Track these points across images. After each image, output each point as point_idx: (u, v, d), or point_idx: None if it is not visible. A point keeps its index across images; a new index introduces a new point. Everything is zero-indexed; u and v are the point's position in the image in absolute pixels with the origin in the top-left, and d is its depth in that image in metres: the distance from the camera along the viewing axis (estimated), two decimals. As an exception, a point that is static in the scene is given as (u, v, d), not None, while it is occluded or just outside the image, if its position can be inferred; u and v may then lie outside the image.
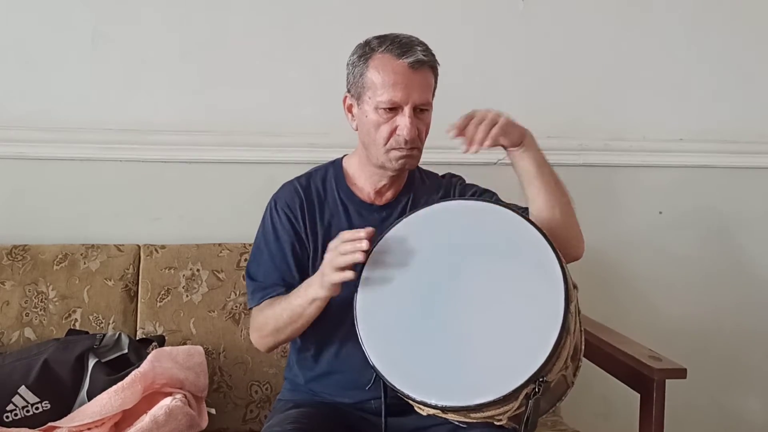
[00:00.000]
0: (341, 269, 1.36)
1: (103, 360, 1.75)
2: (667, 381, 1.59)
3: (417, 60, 1.46)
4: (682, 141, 2.31)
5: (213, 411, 1.79)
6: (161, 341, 1.87)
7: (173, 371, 1.72)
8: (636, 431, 1.65)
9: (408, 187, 1.62)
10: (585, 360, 1.43)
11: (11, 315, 1.89)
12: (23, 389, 1.69)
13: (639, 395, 1.65)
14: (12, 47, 2.04)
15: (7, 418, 1.68)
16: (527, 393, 1.25)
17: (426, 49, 1.50)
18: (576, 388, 1.39)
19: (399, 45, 1.48)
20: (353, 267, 1.36)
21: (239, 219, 2.05)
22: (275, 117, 2.13)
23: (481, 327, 1.32)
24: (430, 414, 1.34)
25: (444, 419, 1.37)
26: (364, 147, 1.56)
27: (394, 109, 1.48)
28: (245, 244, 1.99)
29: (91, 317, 1.92)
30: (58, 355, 1.74)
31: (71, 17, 2.05)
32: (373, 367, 1.33)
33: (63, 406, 1.71)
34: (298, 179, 1.62)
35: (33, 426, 1.67)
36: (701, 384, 2.24)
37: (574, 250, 1.52)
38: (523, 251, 1.34)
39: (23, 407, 1.69)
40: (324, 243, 1.49)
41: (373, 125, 1.50)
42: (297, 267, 1.56)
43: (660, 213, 2.33)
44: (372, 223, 1.56)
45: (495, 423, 1.31)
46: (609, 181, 2.30)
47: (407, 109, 1.47)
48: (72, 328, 1.88)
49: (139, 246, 1.99)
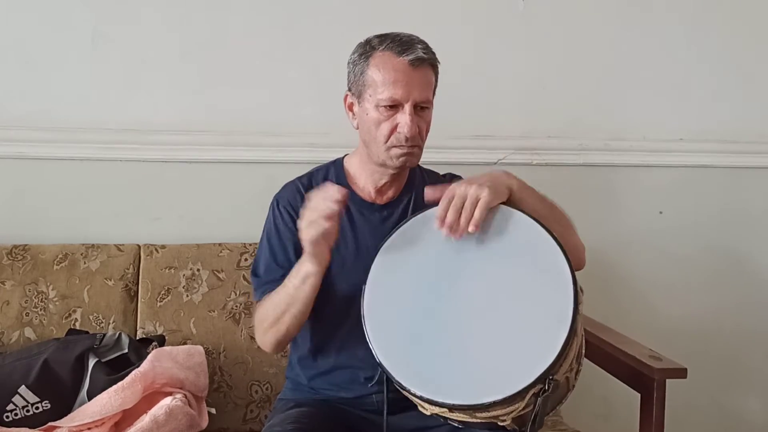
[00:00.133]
0: (316, 223, 1.34)
1: (103, 360, 1.75)
2: (668, 381, 1.59)
3: (417, 57, 1.46)
4: (682, 141, 2.31)
5: (213, 411, 1.79)
6: (161, 341, 1.87)
7: (173, 371, 1.72)
8: (636, 431, 1.66)
9: (409, 186, 1.62)
10: (585, 360, 1.43)
11: (11, 315, 1.89)
12: (23, 389, 1.69)
13: (639, 395, 1.65)
14: (12, 47, 2.04)
15: (7, 417, 1.67)
16: (535, 392, 1.25)
17: (426, 48, 1.50)
18: (576, 388, 1.39)
19: (399, 43, 1.48)
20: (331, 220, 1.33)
21: (239, 219, 2.05)
22: (275, 117, 2.13)
23: (490, 326, 1.32)
24: (434, 413, 1.33)
25: (444, 420, 1.36)
26: (365, 145, 1.56)
27: (394, 107, 1.48)
28: (245, 244, 2.00)
29: (91, 317, 1.92)
30: (58, 355, 1.73)
31: (71, 17, 2.05)
32: (380, 365, 1.33)
33: (63, 405, 1.71)
34: (299, 179, 1.63)
35: (33, 426, 1.67)
36: (701, 384, 2.23)
37: (575, 262, 1.51)
38: (534, 252, 1.34)
39: (23, 407, 1.68)
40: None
41: (374, 123, 1.50)
42: None
43: (660, 213, 2.33)
44: (374, 222, 1.57)
45: (498, 423, 1.31)
46: (609, 181, 2.30)
47: (408, 107, 1.47)
48: (72, 327, 1.88)
49: (139, 246, 1.99)
